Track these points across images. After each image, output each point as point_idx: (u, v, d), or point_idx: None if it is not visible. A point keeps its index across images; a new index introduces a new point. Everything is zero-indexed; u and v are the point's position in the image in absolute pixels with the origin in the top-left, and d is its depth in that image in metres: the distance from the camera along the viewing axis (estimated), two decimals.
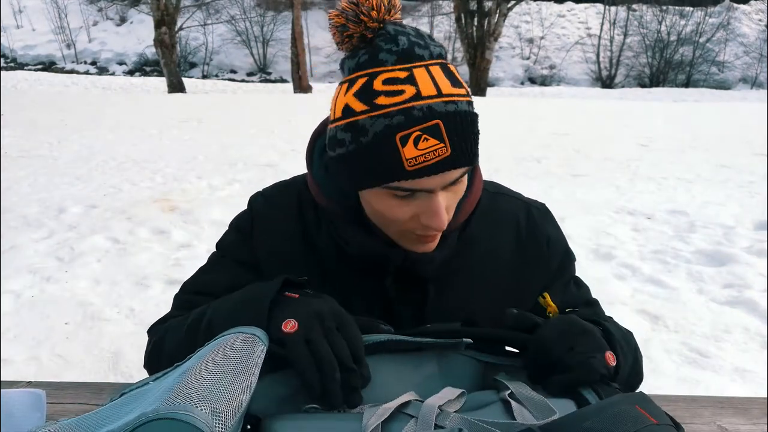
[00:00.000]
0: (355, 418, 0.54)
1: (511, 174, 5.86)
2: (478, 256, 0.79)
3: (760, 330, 2.42)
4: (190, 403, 0.44)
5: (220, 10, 31.77)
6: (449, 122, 0.59)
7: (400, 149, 0.59)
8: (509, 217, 0.82)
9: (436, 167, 0.59)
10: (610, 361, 0.61)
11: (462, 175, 0.64)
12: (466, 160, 0.61)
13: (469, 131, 0.61)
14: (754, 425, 0.79)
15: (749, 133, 9.52)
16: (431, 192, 0.62)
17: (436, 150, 0.59)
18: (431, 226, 0.64)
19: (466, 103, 0.62)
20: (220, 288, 0.78)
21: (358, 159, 0.62)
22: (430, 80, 0.60)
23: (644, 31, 32.69)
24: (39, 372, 2.06)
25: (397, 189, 0.62)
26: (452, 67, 0.65)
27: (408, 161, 0.59)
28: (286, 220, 0.80)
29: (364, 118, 0.60)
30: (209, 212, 4.04)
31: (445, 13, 31.29)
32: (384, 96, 0.59)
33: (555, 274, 0.83)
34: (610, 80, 32.33)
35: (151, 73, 29.44)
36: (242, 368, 0.51)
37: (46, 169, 5.75)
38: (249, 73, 32.77)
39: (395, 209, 0.65)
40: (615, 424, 0.46)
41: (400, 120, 0.58)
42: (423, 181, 0.60)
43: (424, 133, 0.58)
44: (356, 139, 0.61)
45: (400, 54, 0.61)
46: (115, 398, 0.53)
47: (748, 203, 4.67)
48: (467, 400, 0.58)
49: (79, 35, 32.85)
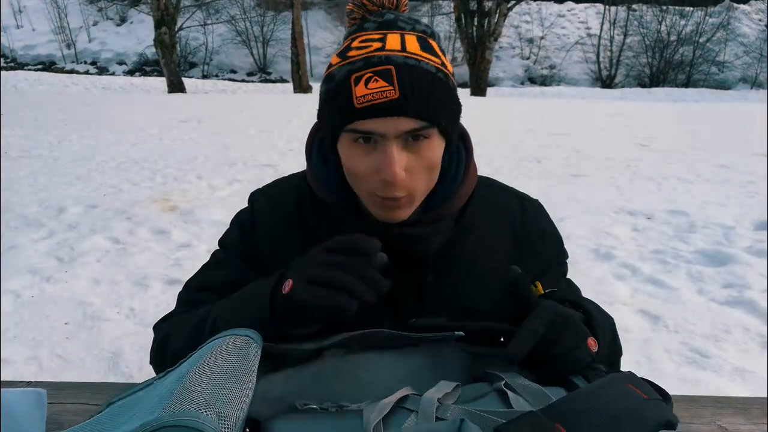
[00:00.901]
0: (355, 415, 0.54)
1: (511, 174, 5.86)
2: (475, 245, 0.79)
3: (760, 330, 2.42)
4: (195, 409, 0.43)
5: (220, 10, 31.77)
6: (403, 71, 0.62)
7: (353, 88, 0.63)
8: (504, 208, 0.83)
9: (383, 107, 0.62)
10: (592, 348, 0.63)
11: (418, 130, 0.64)
12: (416, 110, 0.63)
13: (428, 87, 0.63)
14: (754, 425, 0.79)
15: (749, 133, 9.52)
16: (385, 139, 0.64)
17: (384, 91, 0.61)
18: (385, 179, 0.64)
19: (433, 66, 0.65)
20: (223, 283, 0.79)
21: (325, 103, 0.68)
22: (399, 40, 0.65)
23: (644, 31, 32.69)
24: (39, 372, 2.06)
25: (354, 132, 0.65)
26: (434, 42, 0.68)
27: (357, 99, 0.62)
28: (287, 214, 0.81)
29: (336, 68, 0.66)
30: (209, 212, 4.04)
31: (445, 13, 31.31)
32: (355, 50, 0.65)
33: (547, 267, 0.84)
34: (610, 80, 32.32)
35: (151, 73, 29.42)
36: (241, 371, 0.51)
37: (46, 169, 5.75)
38: (249, 73, 32.75)
39: (358, 161, 0.67)
40: (611, 403, 0.48)
41: (360, 65, 0.63)
42: (372, 122, 0.63)
43: (375, 75, 0.62)
44: (327, 85, 0.67)
45: (381, 23, 0.67)
46: (102, 409, 0.52)
47: (748, 203, 4.67)
48: (462, 392, 0.59)
49: (79, 35, 32.84)
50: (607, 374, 0.60)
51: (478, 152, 0.82)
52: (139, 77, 27.28)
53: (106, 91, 18.95)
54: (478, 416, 0.52)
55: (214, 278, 0.82)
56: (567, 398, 0.50)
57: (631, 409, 0.48)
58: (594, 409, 0.47)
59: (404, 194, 0.67)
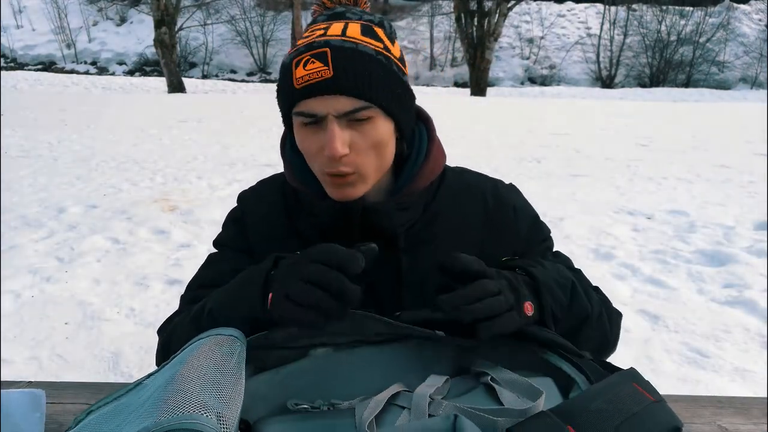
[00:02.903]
0: (348, 414, 0.54)
1: (511, 174, 5.86)
2: (446, 228, 0.80)
3: (760, 330, 2.42)
4: (195, 412, 0.43)
5: (220, 10, 31.78)
6: (338, 53, 0.66)
7: (293, 71, 0.67)
8: (476, 191, 0.84)
9: (318, 87, 0.65)
10: (526, 311, 0.64)
11: (358, 109, 0.67)
12: (350, 88, 0.66)
13: (363, 67, 0.66)
14: (754, 425, 0.79)
15: (749, 133, 9.52)
16: (326, 119, 0.67)
17: (320, 72, 0.65)
18: (328, 155, 0.67)
19: (372, 50, 0.68)
20: (222, 278, 0.79)
21: (277, 92, 0.73)
22: (341, 27, 0.69)
23: (644, 31, 32.69)
24: (39, 372, 2.06)
25: (300, 116, 0.69)
26: (378, 29, 0.72)
27: (297, 80, 0.67)
28: (272, 209, 0.84)
29: (286, 57, 0.72)
30: (209, 212, 4.04)
31: (445, 13, 31.31)
32: (302, 39, 0.70)
33: (526, 242, 0.84)
34: (610, 80, 32.32)
35: (151, 73, 29.42)
36: (230, 371, 0.50)
37: (46, 169, 5.75)
38: (249, 73, 32.75)
39: (307, 142, 0.71)
40: (620, 404, 0.49)
41: (301, 50, 0.68)
42: (311, 101, 0.67)
43: (312, 57, 0.66)
44: (279, 73, 0.72)
45: (330, 15, 0.73)
46: (82, 418, 0.50)
47: (748, 203, 4.67)
48: (451, 386, 0.59)
49: (79, 35, 32.83)
50: (594, 362, 0.61)
51: (478, 152, 0.82)
52: (139, 77, 27.29)
53: (106, 91, 18.95)
54: (470, 413, 0.52)
55: (212, 274, 0.83)
56: (578, 398, 0.50)
57: (640, 414, 0.48)
58: (605, 411, 0.47)
59: (351, 170, 0.70)
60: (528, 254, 0.82)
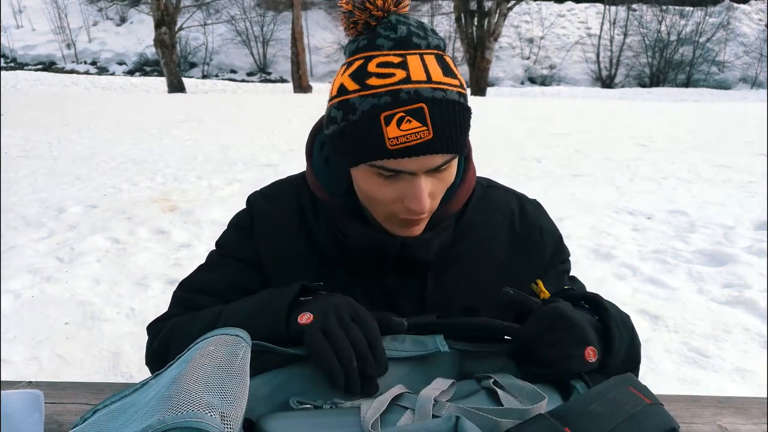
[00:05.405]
0: (352, 413, 0.54)
1: (511, 174, 5.86)
2: (475, 244, 0.80)
3: (760, 330, 2.41)
4: (199, 411, 0.43)
5: (220, 10, 31.76)
6: (434, 107, 0.60)
7: (384, 128, 0.60)
8: (503, 207, 0.84)
9: (417, 149, 0.61)
10: (590, 357, 0.62)
11: (446, 162, 0.64)
12: (448, 147, 0.62)
13: (455, 120, 0.62)
14: (754, 425, 0.79)
15: (749, 133, 9.51)
16: (414, 174, 0.64)
17: (418, 132, 0.60)
18: (413, 209, 0.65)
19: (456, 93, 0.63)
20: (222, 286, 0.79)
21: (346, 136, 0.64)
22: (421, 67, 0.62)
23: (644, 31, 32.70)
24: (39, 372, 2.06)
25: (381, 168, 0.63)
26: (449, 59, 0.66)
27: (390, 140, 0.60)
28: (286, 216, 0.80)
29: (355, 97, 0.62)
30: (209, 212, 4.04)
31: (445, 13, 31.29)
32: (375, 77, 0.61)
33: (548, 264, 0.84)
34: (610, 80, 32.33)
35: (151, 73, 29.44)
36: (236, 370, 0.50)
37: (46, 169, 5.75)
38: (249, 73, 32.76)
39: (380, 189, 0.66)
40: (617, 406, 0.49)
41: (387, 100, 0.60)
42: (404, 162, 0.62)
43: (407, 115, 0.60)
44: (346, 116, 0.63)
45: (396, 41, 0.63)
46: (88, 417, 0.51)
47: (748, 203, 4.67)
48: (455, 390, 0.60)
49: (79, 35, 32.85)
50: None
51: (478, 152, 0.83)
52: (139, 77, 27.29)
53: (106, 91, 18.95)
54: (473, 414, 0.53)
55: (211, 281, 0.81)
56: (575, 401, 0.51)
57: (637, 416, 0.49)
58: (602, 413, 0.48)
59: (426, 215, 0.70)
60: (547, 275, 0.82)
